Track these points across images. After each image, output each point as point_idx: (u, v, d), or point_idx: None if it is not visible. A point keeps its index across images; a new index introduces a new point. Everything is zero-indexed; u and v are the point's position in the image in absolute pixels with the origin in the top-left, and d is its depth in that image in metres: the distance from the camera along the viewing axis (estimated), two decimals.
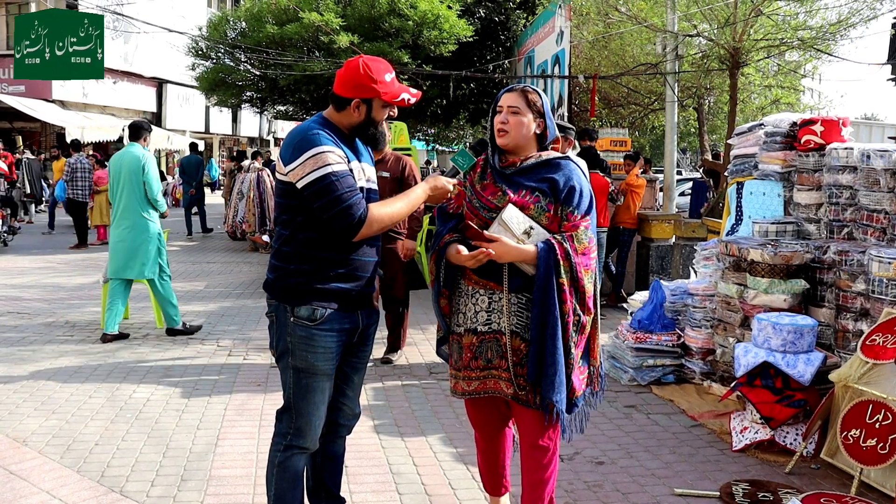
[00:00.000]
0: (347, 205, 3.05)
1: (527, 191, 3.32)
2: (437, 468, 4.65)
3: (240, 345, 7.52)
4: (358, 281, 3.27)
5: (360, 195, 3.13)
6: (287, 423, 3.30)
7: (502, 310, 3.32)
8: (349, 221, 3.07)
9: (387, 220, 3.20)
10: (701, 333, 6.30)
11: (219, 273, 12.39)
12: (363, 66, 3.19)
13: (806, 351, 4.97)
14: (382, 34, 14.59)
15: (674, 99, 12.26)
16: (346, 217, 3.06)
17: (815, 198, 5.91)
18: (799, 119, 6.16)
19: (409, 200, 3.31)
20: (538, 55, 14.25)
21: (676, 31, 11.93)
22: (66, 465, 4.59)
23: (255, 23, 15.64)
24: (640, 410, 5.81)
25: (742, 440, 5.02)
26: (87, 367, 6.64)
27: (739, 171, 6.77)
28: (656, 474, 4.61)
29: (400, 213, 3.27)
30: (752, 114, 16.35)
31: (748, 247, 5.63)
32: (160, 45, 26.13)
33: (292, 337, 3.21)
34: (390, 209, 3.23)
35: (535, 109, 3.39)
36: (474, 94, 18.67)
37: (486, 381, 3.39)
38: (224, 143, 37.72)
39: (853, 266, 5.18)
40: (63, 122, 24.63)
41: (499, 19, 17.27)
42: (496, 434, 3.64)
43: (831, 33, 11.50)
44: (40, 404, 5.66)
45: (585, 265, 3.28)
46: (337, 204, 3.05)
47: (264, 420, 5.39)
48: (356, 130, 3.27)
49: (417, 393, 6.11)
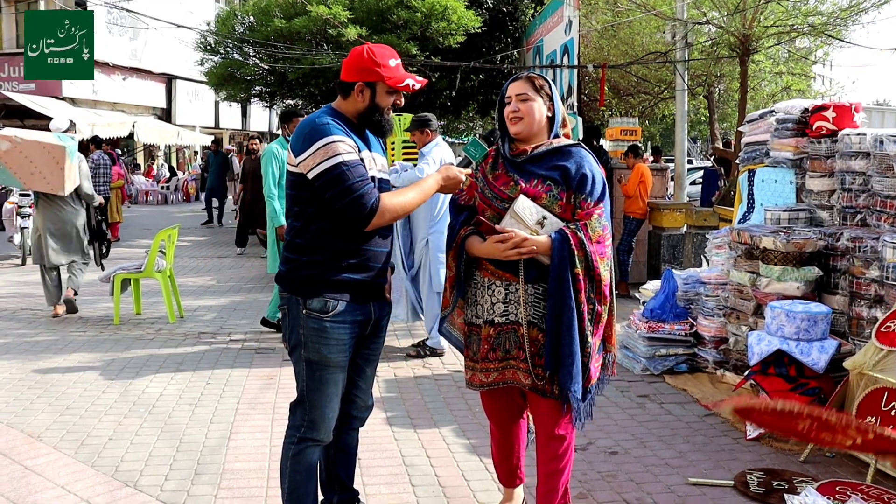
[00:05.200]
0: (359, 194, 3.05)
1: (538, 180, 3.31)
2: (451, 460, 4.64)
3: (251, 339, 7.53)
4: (370, 272, 3.26)
5: (372, 184, 3.12)
6: (301, 415, 3.30)
7: (519, 301, 3.30)
8: (361, 211, 3.06)
9: (399, 210, 3.19)
10: (713, 322, 6.27)
11: (230, 267, 12.41)
12: (367, 50, 3.21)
13: (820, 338, 4.94)
14: (391, 26, 14.58)
15: (684, 87, 12.20)
16: (358, 206, 3.05)
17: (827, 184, 5.87)
18: (811, 105, 6.11)
19: (422, 190, 3.30)
20: (547, 45, 14.21)
21: (686, 19, 11.87)
22: (81, 460, 4.60)
23: (263, 17, 15.65)
24: (654, 400, 5.79)
25: (756, 429, 5.00)
26: (100, 362, 6.66)
27: (751, 158, 6.73)
28: (670, 464, 4.59)
29: (412, 202, 3.26)
30: (763, 101, 16.27)
31: (760, 234, 5.60)
32: (169, 41, 26.19)
33: (305, 329, 3.21)
34: (402, 199, 3.21)
35: (545, 93, 3.39)
36: (483, 85, 18.64)
37: (504, 371, 3.38)
38: (234, 137, 37.71)
39: (867, 253, 5.14)
40: (73, 120, 24.68)
41: (507, 10, 17.23)
42: (511, 425, 3.63)
43: (842, 19, 11.43)
44: (54, 400, 5.68)
45: (601, 253, 3.26)
46: (349, 193, 3.04)
47: (277, 413, 5.40)
48: (362, 118, 3.26)
49: (430, 385, 6.11)
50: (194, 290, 10.20)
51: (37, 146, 8.05)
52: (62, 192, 8.19)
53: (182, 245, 14.73)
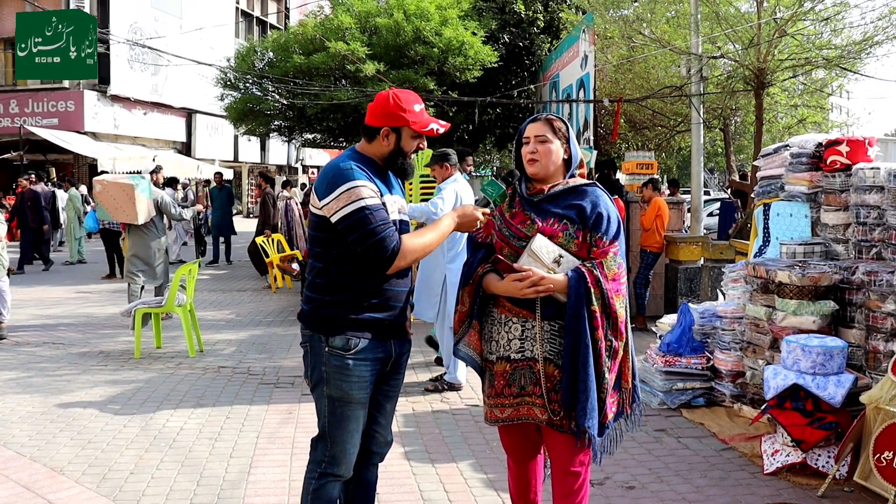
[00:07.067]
0: (380, 237, 3.13)
1: (555, 218, 3.36)
2: (468, 494, 4.67)
3: (271, 373, 7.59)
4: (391, 311, 3.33)
5: (393, 228, 3.20)
6: (322, 451, 3.35)
7: (535, 337, 3.34)
8: (382, 254, 3.14)
9: (420, 252, 3.27)
10: (730, 356, 6.28)
11: (249, 301, 12.49)
12: (393, 96, 3.30)
13: (836, 373, 4.94)
14: (408, 62, 14.73)
15: (699, 120, 12.26)
16: (379, 249, 3.13)
17: (842, 218, 5.89)
18: (824, 140, 6.15)
19: (439, 231, 3.38)
20: (563, 79, 14.32)
21: (700, 53, 11.95)
22: (103, 493, 4.66)
23: (282, 53, 15.83)
24: (671, 434, 5.80)
25: (773, 463, 5.00)
26: (122, 396, 6.73)
27: (766, 192, 6.76)
28: (687, 499, 4.60)
29: (431, 243, 3.33)
30: (779, 133, 16.28)
31: (776, 268, 5.62)
32: (189, 76, 26.52)
33: (327, 367, 3.27)
34: (422, 240, 3.29)
35: (562, 135, 3.46)
36: (500, 119, 18.77)
37: (519, 407, 3.41)
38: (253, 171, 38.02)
39: (882, 286, 5.16)
40: (95, 154, 25.01)
41: (523, 44, 17.39)
42: (528, 460, 3.65)
43: (857, 51, 11.47)
44: (76, 434, 5.75)
45: (616, 290, 3.31)
46: (370, 237, 3.12)
47: (296, 448, 5.44)
48: (387, 161, 3.35)
49: (448, 419, 6.13)
50: (214, 324, 10.28)
51: (116, 186, 9.53)
52: (137, 222, 9.48)
53: (202, 279, 14.84)
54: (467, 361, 3.60)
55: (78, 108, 26.29)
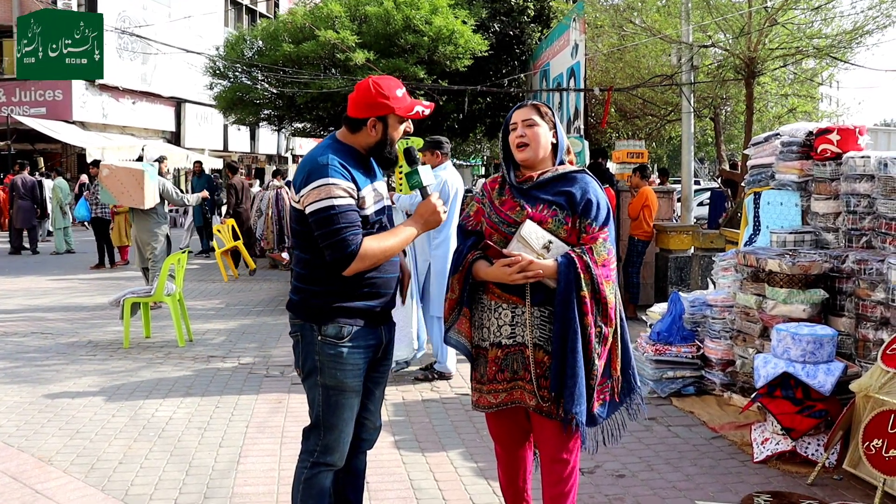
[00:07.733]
0: (341, 238, 3.10)
1: (544, 205, 3.35)
2: (458, 483, 4.66)
3: (260, 362, 7.57)
4: (382, 297, 3.33)
5: (359, 230, 3.15)
6: (315, 440, 3.33)
7: (525, 323, 3.33)
8: (341, 254, 3.12)
9: (379, 256, 3.22)
10: (720, 344, 6.28)
11: (238, 291, 12.46)
12: (373, 84, 3.25)
13: (826, 361, 4.94)
14: (398, 50, 14.69)
15: (689, 110, 12.25)
16: (338, 249, 3.11)
17: (832, 207, 5.89)
18: (815, 128, 6.15)
19: (402, 237, 3.32)
20: (553, 68, 14.30)
21: (691, 42, 11.93)
22: (91, 483, 4.63)
23: (271, 42, 15.78)
24: (661, 423, 5.80)
25: (763, 451, 5.00)
26: (110, 386, 6.70)
27: (756, 181, 6.76)
28: (677, 487, 4.60)
29: (392, 249, 3.27)
30: (770, 122, 16.28)
31: (766, 257, 5.62)
32: (178, 65, 26.41)
33: (321, 355, 3.25)
34: (383, 245, 3.23)
35: (549, 119, 3.45)
36: (490, 107, 18.75)
37: (512, 392, 3.40)
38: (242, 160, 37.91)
39: (872, 275, 5.16)
40: (83, 143, 24.89)
41: (514, 33, 17.36)
42: (517, 447, 3.64)
43: (847, 41, 11.46)
44: (64, 424, 5.72)
45: (606, 276, 3.30)
46: (333, 236, 3.10)
47: (286, 437, 5.42)
48: (372, 151, 3.32)
49: (438, 408, 6.13)
50: (203, 313, 10.24)
51: (125, 171, 9.81)
52: (143, 207, 9.77)
53: (189, 269, 14.79)
54: (458, 349, 3.58)
55: (66, 97, 26.13)
